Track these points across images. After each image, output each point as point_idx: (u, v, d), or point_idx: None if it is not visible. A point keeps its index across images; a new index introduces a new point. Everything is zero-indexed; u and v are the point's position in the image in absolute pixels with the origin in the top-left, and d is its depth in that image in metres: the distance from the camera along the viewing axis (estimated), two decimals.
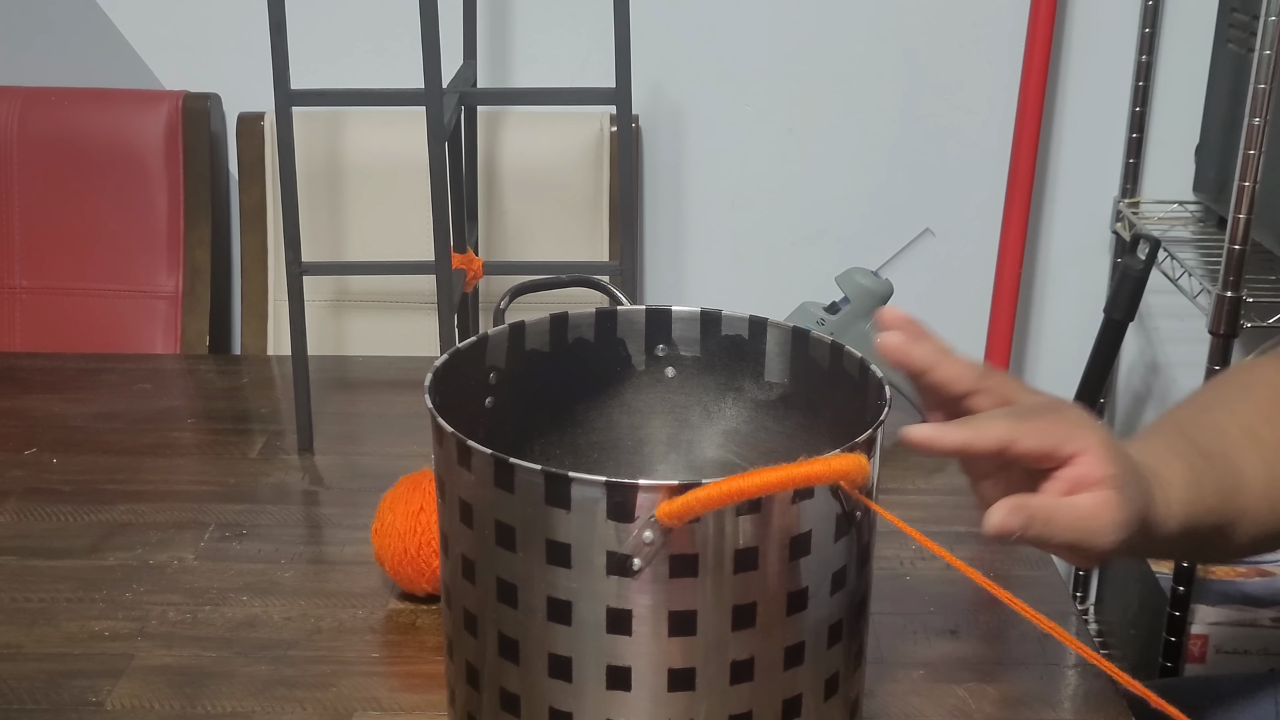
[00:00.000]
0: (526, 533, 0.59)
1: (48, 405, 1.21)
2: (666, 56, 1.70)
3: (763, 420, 0.77)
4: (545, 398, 0.75)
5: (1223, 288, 1.41)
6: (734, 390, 0.77)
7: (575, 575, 0.58)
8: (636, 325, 0.76)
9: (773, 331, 0.75)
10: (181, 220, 1.65)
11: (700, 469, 0.79)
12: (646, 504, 0.56)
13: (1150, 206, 1.74)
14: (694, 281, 1.80)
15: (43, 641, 0.86)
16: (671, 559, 0.58)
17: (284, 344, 1.62)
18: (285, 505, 1.04)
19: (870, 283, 1.15)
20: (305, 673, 0.83)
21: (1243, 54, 1.56)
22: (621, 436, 0.78)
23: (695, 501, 0.56)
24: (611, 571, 0.58)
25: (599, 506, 0.57)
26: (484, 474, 0.60)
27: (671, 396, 0.78)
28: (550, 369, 0.75)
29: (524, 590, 0.60)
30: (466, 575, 0.63)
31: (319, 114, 1.61)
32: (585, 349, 0.75)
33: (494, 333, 0.72)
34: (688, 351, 0.77)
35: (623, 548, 0.57)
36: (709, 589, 0.58)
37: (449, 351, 0.69)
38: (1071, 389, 1.67)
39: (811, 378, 0.74)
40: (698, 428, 0.78)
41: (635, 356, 0.77)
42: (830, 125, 1.74)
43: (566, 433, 0.77)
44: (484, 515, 0.60)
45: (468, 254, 1.18)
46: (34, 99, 1.64)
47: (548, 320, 0.74)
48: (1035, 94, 1.66)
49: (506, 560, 0.60)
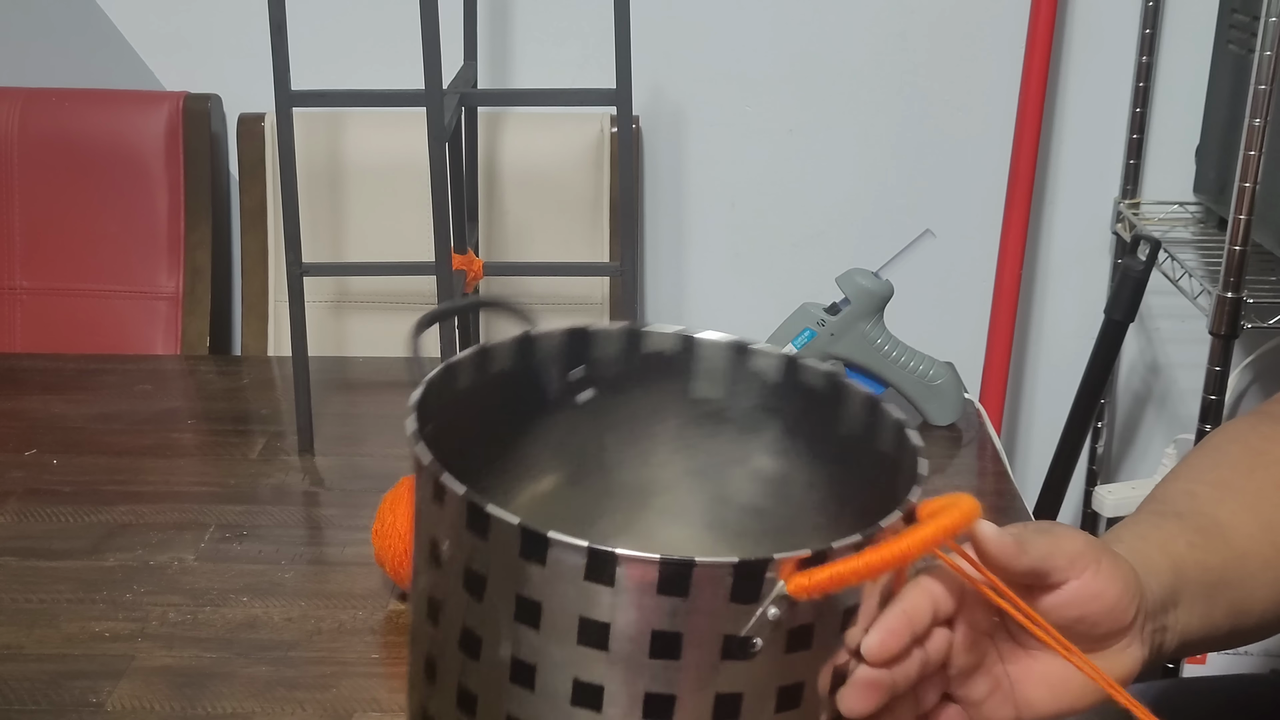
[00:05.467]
0: (623, 640, 0.53)
1: (48, 406, 1.21)
2: (667, 57, 1.70)
3: (689, 438, 0.73)
4: (474, 441, 0.69)
5: (1223, 289, 1.41)
6: (656, 409, 0.72)
7: (683, 665, 0.53)
8: (554, 349, 0.71)
9: (706, 345, 0.71)
10: (182, 221, 1.65)
11: (611, 496, 0.73)
12: (774, 580, 0.52)
13: (1151, 207, 1.74)
14: (694, 282, 1.80)
15: (43, 642, 0.86)
16: (789, 633, 0.53)
17: (284, 345, 1.62)
18: (286, 506, 1.04)
19: (870, 284, 1.15)
20: (305, 674, 0.83)
21: (1243, 55, 1.55)
22: (532, 469, 0.72)
23: (836, 577, 0.52)
24: (728, 656, 0.53)
25: (723, 587, 0.52)
26: (566, 566, 0.53)
27: (585, 421, 0.72)
28: (477, 408, 0.69)
29: (609, 698, 0.54)
30: (518, 676, 0.56)
31: (319, 115, 1.61)
32: (506, 381, 0.70)
33: (431, 377, 0.66)
34: (606, 372, 0.72)
35: (744, 630, 0.52)
36: (822, 660, 0.55)
37: (420, 392, 0.63)
38: (1072, 390, 1.67)
39: (753, 391, 0.71)
40: (612, 451, 0.73)
41: (553, 383, 0.71)
42: (831, 126, 1.74)
43: (491, 479, 0.71)
44: (559, 612, 0.54)
45: (468, 255, 1.18)
46: (34, 99, 1.64)
47: (472, 355, 0.69)
48: (1036, 95, 1.67)
49: (586, 658, 0.54)
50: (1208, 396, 1.44)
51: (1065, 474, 1.69)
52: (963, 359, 1.38)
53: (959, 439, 1.16)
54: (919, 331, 1.38)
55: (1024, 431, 1.88)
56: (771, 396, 0.71)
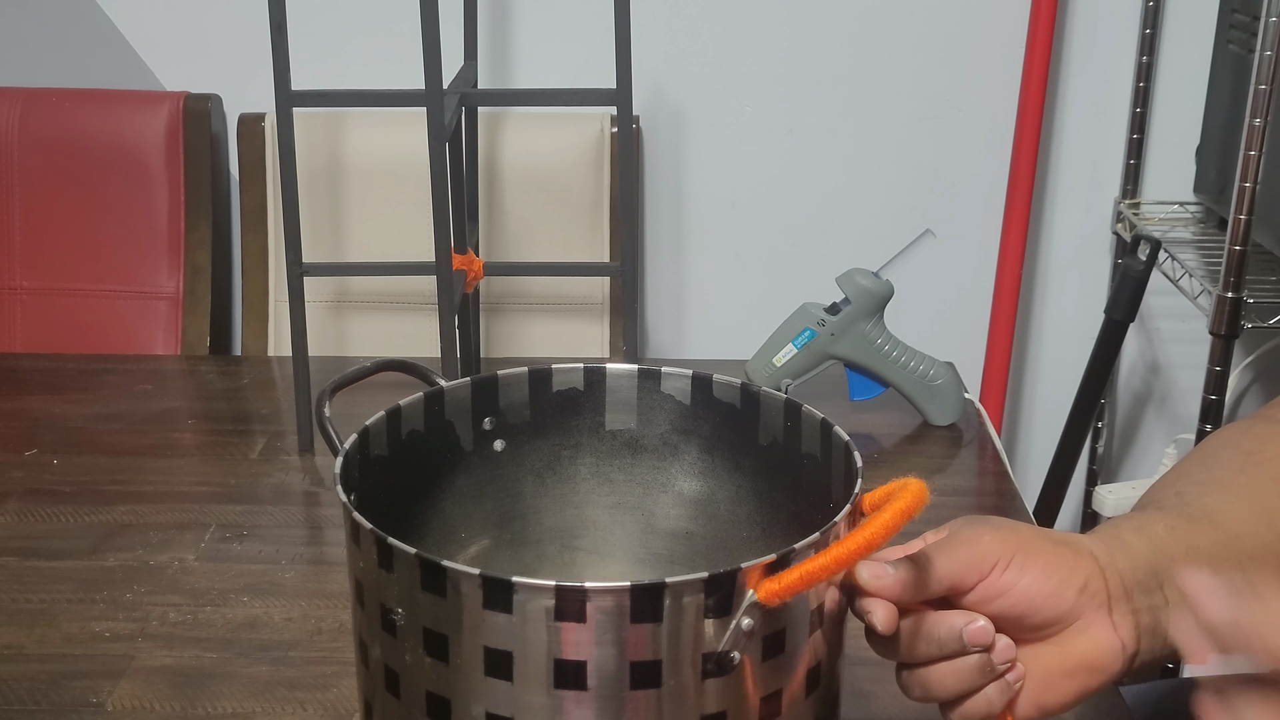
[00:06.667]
0: (602, 677, 0.53)
1: (48, 406, 1.21)
2: (667, 57, 1.70)
3: (607, 473, 0.72)
4: (391, 505, 0.67)
5: (1223, 288, 1.41)
6: (570, 448, 0.72)
7: (664, 693, 0.53)
8: (463, 402, 0.70)
9: (614, 376, 0.70)
10: (182, 221, 1.65)
11: (537, 543, 0.73)
12: (743, 589, 0.52)
13: (1151, 207, 1.74)
14: (694, 282, 1.80)
15: (43, 642, 0.86)
16: (764, 641, 0.54)
17: (284, 345, 1.62)
18: (286, 506, 1.04)
19: (871, 283, 1.15)
20: (306, 673, 0.83)
21: (1243, 55, 1.56)
22: (454, 528, 0.72)
23: (806, 577, 0.52)
24: (708, 675, 0.53)
25: (695, 607, 0.52)
26: (532, 609, 0.52)
27: (500, 471, 0.71)
28: (391, 473, 0.67)
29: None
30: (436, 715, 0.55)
31: (320, 115, 1.61)
32: (418, 441, 0.69)
33: (347, 445, 0.64)
34: (516, 419, 0.71)
35: (721, 645, 0.53)
36: (800, 668, 0.55)
37: (342, 454, 0.63)
38: (1072, 390, 1.67)
39: (666, 415, 0.70)
40: (530, 499, 0.72)
41: (464, 437, 0.70)
42: (831, 126, 1.74)
43: (408, 538, 0.69)
44: (532, 658, 0.53)
45: (468, 255, 1.18)
46: (34, 99, 1.64)
47: (384, 419, 0.67)
48: (1036, 95, 1.67)
49: (565, 702, 0.53)
50: (1208, 396, 1.44)
51: (1065, 474, 1.69)
52: (963, 359, 1.38)
53: (959, 439, 1.16)
54: (919, 331, 1.38)
55: (1024, 431, 1.88)
56: (683, 419, 0.71)
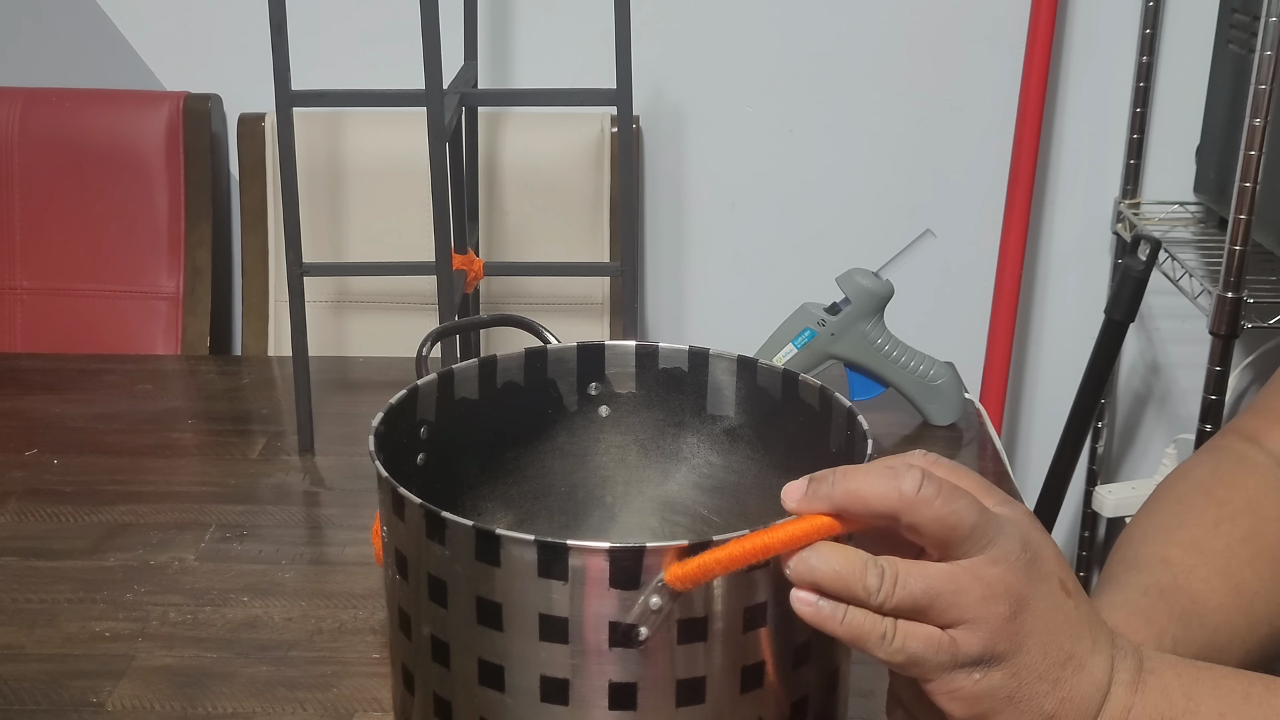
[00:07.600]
0: (513, 610, 0.56)
1: (48, 406, 1.21)
2: (667, 57, 1.70)
3: (706, 455, 0.73)
4: (477, 448, 0.71)
5: (1223, 288, 1.41)
6: (674, 426, 0.73)
7: (572, 650, 0.55)
8: (568, 364, 0.72)
9: (716, 362, 0.72)
10: (182, 221, 1.65)
11: (639, 511, 0.75)
12: (653, 568, 0.54)
13: (1151, 207, 1.75)
14: (694, 282, 1.80)
15: (43, 642, 0.86)
16: (679, 624, 0.55)
17: (284, 345, 1.62)
18: (286, 506, 1.04)
19: (871, 283, 1.15)
20: (306, 673, 0.83)
21: (1243, 55, 1.56)
22: (554, 483, 0.74)
23: (713, 563, 0.53)
24: (615, 644, 0.55)
25: (603, 575, 0.54)
26: (462, 547, 0.56)
27: (606, 436, 0.73)
28: (481, 417, 0.70)
29: (511, 672, 0.57)
30: (439, 658, 0.59)
31: (320, 114, 1.61)
32: (515, 393, 0.71)
33: (423, 384, 0.68)
34: (623, 388, 0.73)
35: (628, 617, 0.54)
36: (718, 653, 0.56)
37: (384, 408, 0.65)
38: (1072, 390, 1.67)
39: (762, 408, 0.71)
40: (634, 468, 0.74)
41: (567, 397, 0.73)
42: (831, 126, 1.74)
43: (498, 484, 0.73)
44: (461, 591, 0.57)
45: (468, 255, 1.18)
46: (34, 99, 1.64)
47: (476, 366, 0.70)
48: (1036, 95, 1.67)
49: (489, 639, 0.57)
50: (1208, 396, 1.44)
51: (1065, 474, 1.69)
52: (963, 359, 1.38)
53: (959, 439, 1.16)
54: (919, 331, 1.38)
55: (1024, 431, 1.88)
56: (774, 415, 0.71)
